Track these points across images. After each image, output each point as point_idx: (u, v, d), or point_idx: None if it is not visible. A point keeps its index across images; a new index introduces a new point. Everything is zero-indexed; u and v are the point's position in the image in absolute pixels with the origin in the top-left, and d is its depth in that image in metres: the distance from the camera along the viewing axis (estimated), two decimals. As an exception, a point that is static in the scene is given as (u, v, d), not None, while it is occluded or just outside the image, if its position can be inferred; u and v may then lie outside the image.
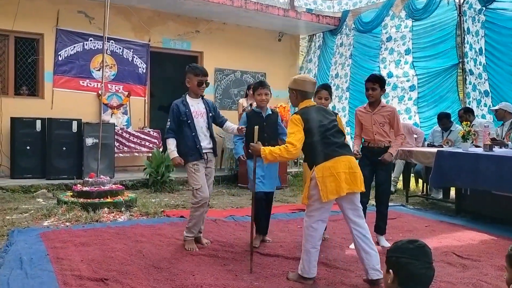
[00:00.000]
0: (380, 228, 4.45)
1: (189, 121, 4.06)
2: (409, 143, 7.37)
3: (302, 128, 3.21)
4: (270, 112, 4.43)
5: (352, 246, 4.23)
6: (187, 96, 4.19)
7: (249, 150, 3.57)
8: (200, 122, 4.12)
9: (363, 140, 4.51)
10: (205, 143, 4.13)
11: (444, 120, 7.05)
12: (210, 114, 4.19)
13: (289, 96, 3.50)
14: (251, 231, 3.69)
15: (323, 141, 3.22)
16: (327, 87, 4.48)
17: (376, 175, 4.40)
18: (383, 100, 4.56)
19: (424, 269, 1.91)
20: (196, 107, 4.14)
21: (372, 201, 4.63)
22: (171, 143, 4.07)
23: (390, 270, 1.95)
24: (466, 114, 6.75)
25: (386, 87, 4.52)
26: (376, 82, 4.30)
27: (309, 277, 3.26)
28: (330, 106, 4.54)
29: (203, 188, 4.03)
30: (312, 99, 3.59)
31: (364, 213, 4.32)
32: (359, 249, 3.27)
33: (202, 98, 4.24)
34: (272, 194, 4.49)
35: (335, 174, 3.12)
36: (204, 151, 4.09)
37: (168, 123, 4.09)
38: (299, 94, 3.41)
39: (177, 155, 4.05)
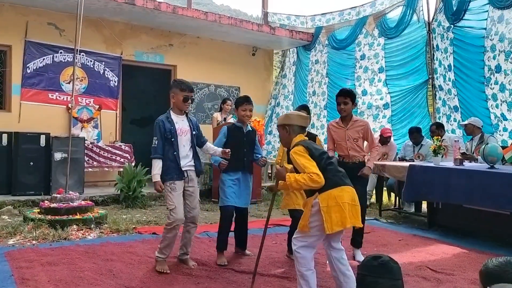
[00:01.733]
0: (356, 241, 4.45)
1: (172, 139, 3.88)
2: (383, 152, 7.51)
3: (308, 156, 3.06)
4: (250, 129, 4.42)
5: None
6: (171, 112, 4.01)
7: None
8: (183, 140, 3.96)
9: (336, 154, 4.51)
10: (186, 161, 3.97)
11: (415, 134, 7.17)
12: (194, 132, 4.04)
13: (280, 134, 3.34)
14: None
15: (329, 168, 3.07)
16: (305, 107, 4.50)
17: None
18: (354, 115, 4.58)
19: (392, 286, 1.87)
20: (181, 124, 3.98)
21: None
22: (157, 166, 3.84)
23: None
24: (438, 129, 6.90)
25: (361, 105, 4.56)
26: (348, 96, 4.32)
27: None
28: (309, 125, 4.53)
29: (177, 209, 3.84)
30: None
31: None
32: (338, 272, 3.14)
33: (186, 115, 4.10)
34: (247, 209, 4.45)
35: (341, 204, 2.95)
36: (184, 169, 3.94)
37: (155, 141, 3.87)
38: (292, 129, 3.23)
39: (159, 179, 3.83)
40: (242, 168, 4.26)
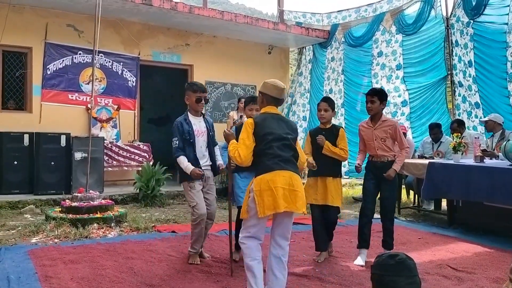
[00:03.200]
0: (387, 243, 4.39)
1: (191, 140, 4.04)
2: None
3: (252, 132, 3.07)
4: None
5: (356, 262, 4.19)
6: (189, 113, 4.17)
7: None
8: (200, 141, 4.12)
9: (367, 155, 4.49)
10: (203, 161, 4.12)
11: (435, 129, 7.04)
12: (211, 133, 4.21)
13: (258, 99, 3.36)
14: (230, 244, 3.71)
15: (267, 152, 3.04)
16: (326, 99, 4.47)
17: (382, 190, 4.35)
18: (385, 115, 4.53)
19: (408, 285, 1.85)
20: (198, 125, 4.13)
21: (377, 214, 4.59)
22: (183, 160, 3.97)
23: None
24: (459, 127, 6.73)
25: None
26: (375, 95, 4.28)
27: None
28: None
29: (199, 205, 4.00)
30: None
31: (368, 228, 4.30)
32: (269, 269, 3.06)
33: (203, 116, 4.24)
34: None
35: (273, 188, 2.93)
36: (202, 169, 4.06)
37: (176, 142, 4.01)
38: (265, 98, 3.23)
39: (193, 167, 3.95)
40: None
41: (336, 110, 9.98)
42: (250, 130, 3.07)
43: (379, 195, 4.41)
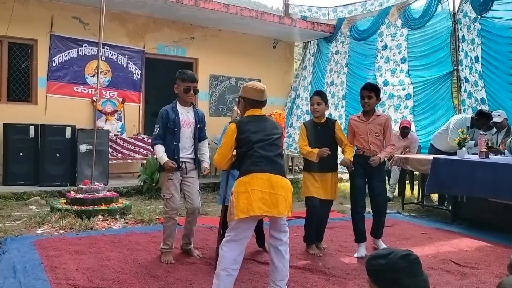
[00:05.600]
0: (377, 232, 4.44)
1: (175, 129, 3.90)
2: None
3: (234, 138, 3.03)
4: None
5: (356, 254, 4.22)
6: (177, 103, 4.02)
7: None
8: (187, 132, 3.97)
9: (355, 148, 4.47)
10: (187, 153, 3.98)
11: (483, 119, 6.25)
12: (198, 126, 4.04)
13: (239, 105, 3.31)
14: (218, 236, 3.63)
15: (248, 153, 2.97)
16: (318, 93, 4.43)
17: (372, 186, 4.35)
18: (377, 110, 4.54)
19: (422, 282, 1.81)
20: (186, 116, 3.98)
21: (368, 208, 4.61)
22: (160, 149, 3.86)
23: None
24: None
25: (382, 95, 4.51)
26: (373, 91, 4.28)
27: None
28: (326, 114, 4.49)
29: (174, 198, 3.89)
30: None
31: (362, 223, 4.32)
32: (270, 260, 3.11)
33: (193, 107, 4.10)
34: None
35: (249, 191, 2.84)
36: (182, 160, 3.94)
37: (157, 129, 3.91)
38: (247, 102, 3.17)
39: (167, 159, 3.82)
40: None
41: (337, 102, 10.09)
42: (231, 136, 3.04)
43: (368, 191, 4.42)
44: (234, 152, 3.14)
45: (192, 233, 4.13)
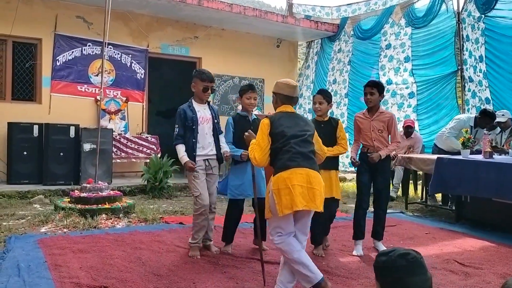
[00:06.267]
0: (377, 233, 4.42)
1: (194, 127, 4.01)
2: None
3: (268, 132, 3.06)
4: (255, 117, 4.35)
5: (355, 252, 4.22)
6: (193, 101, 4.14)
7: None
8: (205, 128, 4.08)
9: (361, 145, 4.48)
10: (208, 150, 4.09)
11: (487, 119, 6.24)
12: (216, 121, 4.18)
13: (272, 100, 3.34)
14: (260, 240, 3.66)
15: (284, 149, 3.00)
16: (321, 91, 4.43)
17: (375, 181, 4.37)
18: (382, 107, 4.54)
19: (423, 282, 1.81)
20: (203, 112, 4.10)
21: (371, 207, 4.60)
22: (181, 149, 3.98)
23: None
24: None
25: (385, 94, 4.51)
26: (375, 87, 4.30)
27: (319, 281, 2.95)
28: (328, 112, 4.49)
29: (202, 195, 3.99)
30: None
31: (364, 220, 4.32)
32: (282, 260, 3.08)
33: (208, 104, 4.22)
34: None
35: (290, 187, 2.89)
36: (205, 158, 4.06)
37: (176, 129, 4.01)
38: (279, 98, 3.23)
39: (188, 159, 3.95)
40: None
41: (339, 100, 10.07)
42: (265, 131, 3.06)
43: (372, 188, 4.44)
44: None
45: (211, 228, 4.22)
